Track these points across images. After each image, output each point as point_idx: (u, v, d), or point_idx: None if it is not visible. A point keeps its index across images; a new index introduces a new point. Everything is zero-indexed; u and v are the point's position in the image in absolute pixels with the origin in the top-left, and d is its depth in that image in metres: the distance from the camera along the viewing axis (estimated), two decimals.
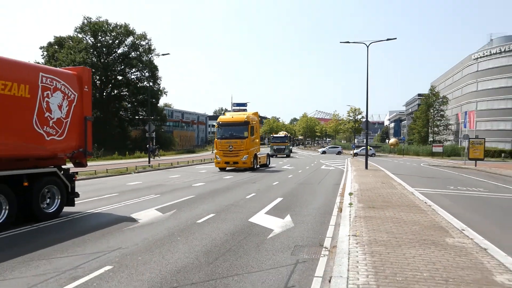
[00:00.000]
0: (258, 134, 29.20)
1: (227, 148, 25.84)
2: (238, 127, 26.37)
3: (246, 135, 25.85)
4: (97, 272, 5.50)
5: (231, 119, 27.55)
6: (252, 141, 26.37)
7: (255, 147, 27.37)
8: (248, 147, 25.80)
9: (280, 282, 5.25)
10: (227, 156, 26.03)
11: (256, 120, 28.35)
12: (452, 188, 17.19)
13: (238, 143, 25.65)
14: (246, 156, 25.62)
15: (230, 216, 9.82)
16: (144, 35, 60.18)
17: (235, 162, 25.92)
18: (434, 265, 5.42)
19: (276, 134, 68.77)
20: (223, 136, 26.46)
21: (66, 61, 50.88)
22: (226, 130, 26.70)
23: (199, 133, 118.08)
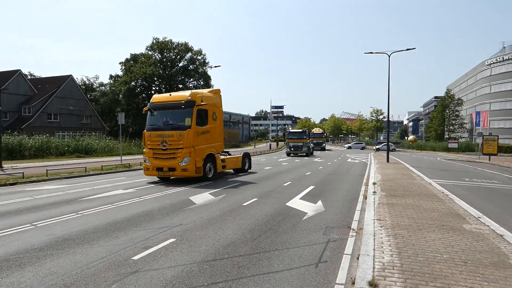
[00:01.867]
0: (220, 123, 15.31)
1: (159, 145, 13.48)
2: (177, 110, 13.81)
3: (189, 123, 13.24)
4: (164, 243, 5.66)
5: (167, 98, 14.41)
6: (200, 134, 13.64)
7: (209, 143, 14.25)
8: (191, 143, 13.19)
9: (314, 257, 5.13)
10: (159, 159, 13.50)
11: (213, 100, 14.92)
12: (468, 180, 16.11)
13: (174, 137, 13.25)
14: (187, 158, 13.07)
15: (270, 201, 9.77)
16: (200, 51, 61.47)
17: (171, 168, 13.25)
18: (453, 248, 5.07)
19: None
20: (154, 126, 13.97)
21: (139, 74, 53.08)
22: (160, 116, 14.17)
23: (243, 131, 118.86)
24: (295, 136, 38.68)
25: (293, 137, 38.62)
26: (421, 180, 13.97)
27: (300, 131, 39.76)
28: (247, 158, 18.87)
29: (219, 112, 15.24)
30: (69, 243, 5.70)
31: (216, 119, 14.86)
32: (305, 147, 37.32)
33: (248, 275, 4.43)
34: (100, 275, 4.39)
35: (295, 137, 38.43)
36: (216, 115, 14.83)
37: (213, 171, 14.61)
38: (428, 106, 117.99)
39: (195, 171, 13.26)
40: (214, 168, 14.64)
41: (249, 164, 19.02)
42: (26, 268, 4.60)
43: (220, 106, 15.52)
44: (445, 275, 4.07)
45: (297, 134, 38.91)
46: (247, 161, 18.82)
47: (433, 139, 75.41)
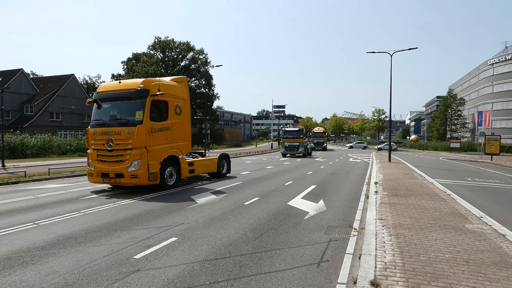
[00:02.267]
0: (186, 118, 12.58)
1: (104, 145, 10.87)
2: (127, 102, 11.18)
3: (140, 117, 10.65)
4: (166, 242, 5.66)
5: (117, 87, 11.60)
6: (156, 131, 11.01)
7: (169, 143, 11.59)
8: (142, 143, 10.60)
9: (316, 256, 5.13)
10: (104, 162, 10.92)
11: (175, 90, 12.10)
12: (470, 180, 16.06)
13: (122, 135, 10.64)
14: (136, 162, 10.48)
15: (272, 200, 9.77)
16: (202, 51, 61.53)
17: (118, 174, 10.64)
18: (455, 248, 5.06)
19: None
20: (99, 122, 11.35)
21: (141, 73, 53.15)
22: (107, 110, 11.52)
23: (245, 130, 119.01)
24: (291, 135, 34.61)
25: (289, 136, 34.53)
26: (423, 180, 13.94)
27: (297, 129, 35.70)
28: (224, 160, 15.98)
29: (185, 105, 12.40)
30: (71, 241, 5.71)
31: (181, 113, 12.10)
32: (302, 147, 33.55)
33: (249, 274, 4.43)
34: (102, 273, 4.39)
35: (291, 136, 34.40)
36: (180, 108, 12.05)
37: (176, 177, 11.92)
38: (430, 105, 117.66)
39: (147, 178, 10.58)
40: (177, 173, 11.97)
41: (228, 167, 16.22)
42: (28, 267, 4.61)
43: (187, 98, 12.68)
44: (447, 275, 4.06)
45: (293, 133, 34.72)
46: (225, 163, 16.01)
47: (435, 139, 75.21)
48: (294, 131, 35.04)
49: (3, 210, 8.18)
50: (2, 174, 14.88)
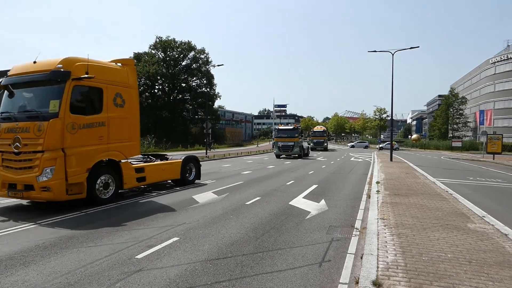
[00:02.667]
0: (132, 111, 9.83)
1: (10, 145, 8.01)
2: (41, 87, 8.35)
3: (55, 109, 7.82)
4: (167, 242, 5.66)
5: (30, 68, 8.54)
6: (82, 128, 8.24)
7: (105, 143, 8.87)
8: (57, 143, 7.77)
9: (318, 256, 5.12)
10: (9, 169, 8.08)
11: (115, 75, 9.44)
12: (472, 179, 16.02)
13: (31, 132, 7.86)
14: (49, 169, 7.61)
15: (273, 199, 9.76)
16: (203, 50, 61.57)
17: (27, 185, 7.81)
18: (457, 248, 5.04)
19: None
20: (6, 115, 8.52)
21: (142, 72, 53.22)
22: (16, 99, 8.66)
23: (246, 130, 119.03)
24: (285, 134, 31.52)
25: (283, 135, 31.43)
26: (424, 179, 13.90)
27: (291, 128, 32.53)
28: (192, 164, 13.06)
29: (130, 95, 9.63)
30: (73, 241, 5.72)
31: (124, 105, 9.33)
32: (297, 147, 30.54)
33: (251, 274, 4.42)
34: (104, 273, 4.40)
35: (285, 135, 31.32)
36: (123, 99, 9.28)
37: (114, 188, 9.10)
38: (432, 104, 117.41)
39: (65, 191, 7.87)
40: (117, 183, 9.18)
41: (197, 172, 13.20)
42: (30, 267, 4.62)
43: (134, 85, 9.94)
44: (450, 275, 4.04)
45: (287, 132, 31.60)
46: (193, 168, 13.06)
47: (437, 138, 75.01)
48: (288, 130, 31.95)
49: (4, 210, 8.19)
50: None
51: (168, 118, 57.10)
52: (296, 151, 30.59)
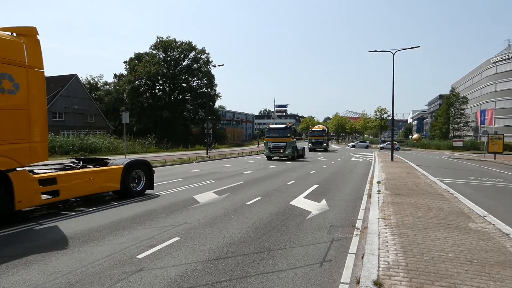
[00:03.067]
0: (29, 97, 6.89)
1: None
2: None
3: None
4: (168, 242, 5.66)
5: None
6: None
7: None
8: None
9: (319, 256, 5.12)
10: None
11: None
12: (473, 179, 15.99)
13: None
14: None
15: (274, 199, 9.75)
16: (203, 50, 61.60)
17: None
18: (458, 247, 5.03)
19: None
20: None
21: (143, 73, 53.28)
22: None
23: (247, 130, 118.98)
24: (276, 133, 28.66)
25: (274, 135, 28.57)
26: (426, 179, 13.89)
27: (283, 127, 29.68)
28: (140, 171, 10.25)
29: (27, 77, 6.98)
30: (74, 241, 5.73)
31: (16, 91, 6.79)
32: (290, 147, 27.92)
33: (252, 274, 4.42)
34: (105, 273, 4.40)
35: (276, 135, 28.52)
36: (15, 82, 6.74)
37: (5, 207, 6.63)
38: (432, 104, 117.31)
39: None
40: (6, 201, 6.65)
41: (150, 181, 10.42)
42: (31, 266, 4.62)
43: (34, 65, 7.20)
44: (451, 274, 4.04)
45: (279, 131, 28.81)
46: (142, 176, 10.28)
47: (438, 138, 74.92)
48: (280, 129, 29.15)
49: None
50: None
51: (168, 118, 57.16)
52: (289, 152, 27.91)
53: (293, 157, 28.71)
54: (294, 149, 28.53)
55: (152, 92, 59.85)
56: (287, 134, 28.28)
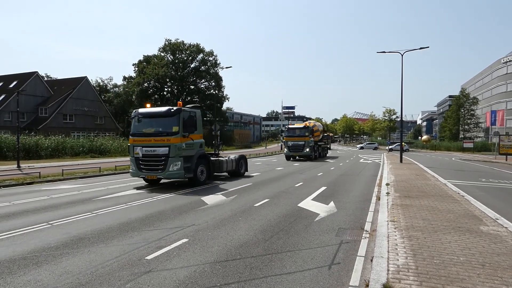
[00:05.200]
0: None
1: None
2: None
3: None
4: (177, 243, 5.69)
5: None
6: None
7: None
8: None
9: (327, 259, 5.08)
10: None
11: None
12: (484, 180, 15.72)
13: None
14: None
15: (282, 201, 9.73)
16: (211, 52, 61.76)
17: None
18: (469, 251, 4.95)
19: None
20: None
21: (151, 75, 53.73)
22: None
23: (255, 132, 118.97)
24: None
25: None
26: (435, 181, 13.70)
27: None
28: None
29: None
30: (84, 242, 5.79)
31: None
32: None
33: (260, 276, 4.41)
34: (115, 274, 4.43)
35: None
36: None
37: None
38: (442, 105, 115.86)
39: None
40: None
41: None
42: (42, 267, 4.68)
43: None
44: (462, 278, 3.97)
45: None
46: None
47: (448, 139, 73.93)
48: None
49: (18, 210, 8.34)
50: (18, 175, 15.18)
51: None
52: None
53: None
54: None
55: (160, 94, 60.23)
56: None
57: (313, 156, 29.93)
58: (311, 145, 29.33)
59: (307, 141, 28.90)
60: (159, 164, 11.89)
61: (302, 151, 28.84)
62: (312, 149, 29.57)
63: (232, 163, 15.76)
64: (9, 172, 16.12)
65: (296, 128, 30.51)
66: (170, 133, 11.91)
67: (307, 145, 28.77)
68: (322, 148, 34.86)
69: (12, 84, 45.87)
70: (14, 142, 24.58)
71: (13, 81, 46.63)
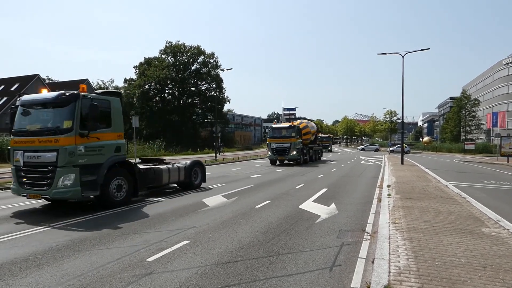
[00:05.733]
0: None
1: None
2: None
3: None
4: (178, 245, 5.69)
5: None
6: None
7: None
8: None
9: (328, 260, 5.08)
10: None
11: None
12: (485, 182, 15.69)
13: None
14: None
15: (283, 203, 9.72)
16: (212, 54, 61.91)
17: None
18: (471, 252, 4.94)
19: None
20: None
21: (152, 77, 53.90)
22: None
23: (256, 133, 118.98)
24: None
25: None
26: (437, 183, 13.68)
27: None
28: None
29: None
30: (86, 244, 5.79)
31: None
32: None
33: (261, 278, 4.41)
34: (116, 276, 4.44)
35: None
36: None
37: None
38: (443, 107, 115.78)
39: None
40: None
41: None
42: (44, 269, 4.69)
43: None
44: (464, 280, 3.96)
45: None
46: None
47: (449, 141, 73.82)
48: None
49: (20, 213, 8.35)
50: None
51: (178, 122, 57.51)
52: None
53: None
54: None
55: (161, 96, 60.35)
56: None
57: (301, 160, 26.01)
58: (299, 147, 25.39)
59: (293, 143, 24.85)
60: (44, 177, 8.01)
61: (288, 155, 25.02)
62: (300, 151, 25.64)
63: (180, 172, 11.95)
64: (10, 175, 16.12)
65: (281, 127, 26.48)
66: (59, 130, 8.05)
67: (293, 148, 24.84)
68: (314, 151, 30.09)
69: (13, 87, 46.09)
70: None
71: (15, 84, 46.84)
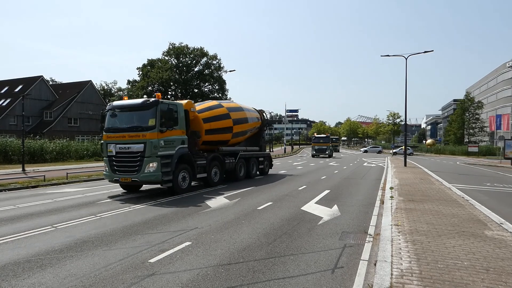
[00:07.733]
0: None
1: None
2: None
3: None
4: (180, 247, 5.70)
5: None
6: None
7: None
8: None
9: (330, 262, 5.07)
10: None
11: None
12: (489, 185, 15.60)
13: None
14: None
15: (285, 205, 9.71)
16: (215, 56, 62.06)
17: None
18: (474, 255, 4.92)
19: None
20: None
21: (155, 78, 54.13)
22: None
23: None
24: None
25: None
26: (440, 185, 13.63)
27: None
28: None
29: None
30: (88, 245, 5.82)
31: None
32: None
33: (263, 279, 4.41)
34: (118, 277, 4.45)
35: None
36: None
37: None
38: (447, 109, 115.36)
39: None
40: None
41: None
42: (46, 270, 4.72)
43: None
44: (466, 283, 3.94)
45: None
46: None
47: (452, 143, 73.51)
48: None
49: (23, 214, 8.41)
50: (23, 178, 15.30)
51: None
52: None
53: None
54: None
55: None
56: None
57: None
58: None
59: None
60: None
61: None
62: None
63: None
64: (14, 176, 16.26)
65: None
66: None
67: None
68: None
69: (17, 89, 46.40)
70: (19, 145, 24.78)
71: (19, 85, 47.16)
